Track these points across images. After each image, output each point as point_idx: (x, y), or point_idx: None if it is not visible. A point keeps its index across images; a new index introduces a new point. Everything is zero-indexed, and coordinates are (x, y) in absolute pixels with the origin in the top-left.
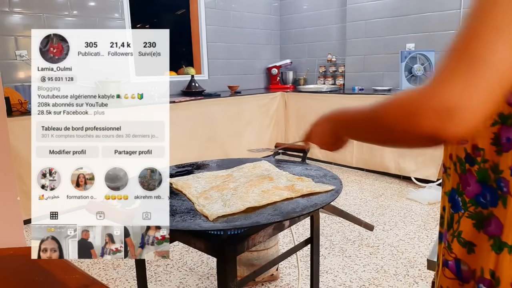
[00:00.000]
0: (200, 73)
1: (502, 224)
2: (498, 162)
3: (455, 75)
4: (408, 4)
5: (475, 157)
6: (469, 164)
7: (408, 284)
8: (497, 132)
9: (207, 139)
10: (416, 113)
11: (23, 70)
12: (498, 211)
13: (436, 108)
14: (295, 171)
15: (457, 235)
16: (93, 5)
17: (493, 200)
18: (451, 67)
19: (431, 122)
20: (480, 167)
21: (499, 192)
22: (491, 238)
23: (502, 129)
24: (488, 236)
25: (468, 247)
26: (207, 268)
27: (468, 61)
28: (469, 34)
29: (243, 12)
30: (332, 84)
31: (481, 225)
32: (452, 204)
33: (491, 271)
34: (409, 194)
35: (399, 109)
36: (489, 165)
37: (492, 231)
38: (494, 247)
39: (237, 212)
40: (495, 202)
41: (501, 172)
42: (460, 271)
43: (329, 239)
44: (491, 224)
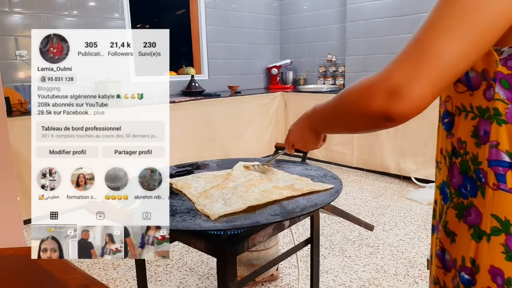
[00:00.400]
0: (200, 73)
1: (481, 213)
2: (477, 154)
3: (405, 61)
4: (408, 4)
5: (458, 149)
6: (455, 157)
7: (408, 284)
8: (476, 125)
9: (207, 139)
10: (369, 94)
11: (23, 70)
12: (478, 201)
13: (385, 88)
14: (295, 171)
15: (444, 225)
16: (93, 5)
17: (473, 190)
18: (405, 54)
19: (380, 101)
20: (462, 159)
21: (478, 183)
22: (471, 227)
23: (480, 122)
24: (468, 226)
25: (451, 236)
26: (207, 268)
27: (419, 50)
28: (426, 28)
29: (243, 12)
30: (332, 84)
31: (461, 214)
32: (443, 196)
33: (471, 259)
34: (409, 194)
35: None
36: (469, 157)
37: (471, 221)
38: (474, 236)
39: (238, 211)
40: (474, 192)
41: (480, 163)
42: (444, 260)
43: (329, 239)
44: (471, 213)
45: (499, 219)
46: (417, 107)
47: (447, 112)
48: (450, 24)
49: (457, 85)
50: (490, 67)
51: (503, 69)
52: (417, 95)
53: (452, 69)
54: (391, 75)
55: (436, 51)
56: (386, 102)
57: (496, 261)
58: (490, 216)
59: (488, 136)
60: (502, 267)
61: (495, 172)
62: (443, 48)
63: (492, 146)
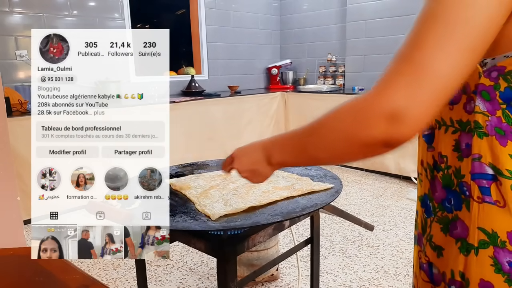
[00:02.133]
0: (200, 73)
1: (467, 226)
2: (460, 167)
3: (399, 80)
4: (408, 4)
5: (440, 163)
6: (436, 171)
7: (408, 284)
8: (457, 139)
9: (207, 139)
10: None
11: (23, 70)
12: (463, 215)
13: (382, 112)
14: (295, 171)
15: (429, 239)
16: (93, 5)
17: (457, 204)
18: (396, 72)
19: (379, 127)
20: (444, 173)
21: (462, 196)
22: (458, 241)
23: (461, 135)
24: (455, 239)
25: (437, 251)
26: (207, 268)
27: (413, 68)
28: (415, 41)
29: (243, 12)
30: (332, 84)
31: (447, 228)
32: (424, 209)
33: (460, 273)
34: (409, 194)
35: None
36: (451, 170)
37: (458, 234)
38: (462, 250)
39: (239, 212)
40: (459, 206)
41: (462, 176)
42: (432, 274)
43: (329, 239)
44: (456, 227)
45: (486, 231)
46: (418, 129)
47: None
48: (440, 40)
49: None
50: (471, 80)
51: (486, 81)
52: (418, 116)
53: (450, 86)
54: (386, 97)
55: (432, 69)
56: (386, 128)
57: (486, 274)
58: (477, 229)
59: (470, 149)
60: (492, 280)
61: (479, 185)
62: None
63: (475, 159)
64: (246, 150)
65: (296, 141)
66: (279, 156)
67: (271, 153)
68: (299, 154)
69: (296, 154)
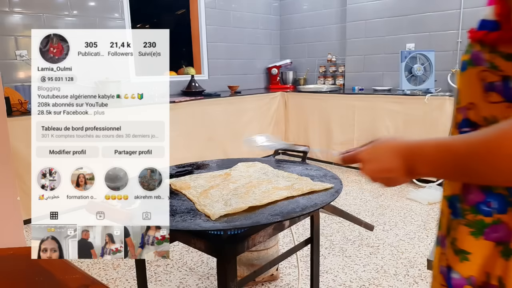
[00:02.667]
0: (200, 73)
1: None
2: None
3: None
4: (408, 4)
5: None
6: None
7: (408, 284)
8: None
9: (207, 139)
10: None
11: (23, 70)
12: (509, 218)
13: None
14: (295, 171)
15: (451, 241)
16: (93, 5)
17: (501, 207)
18: None
19: None
20: None
21: (510, 199)
22: (498, 245)
23: None
24: (495, 243)
25: (460, 255)
26: (207, 268)
27: None
28: None
29: (243, 12)
30: (332, 84)
31: (480, 232)
32: (452, 210)
33: (499, 277)
34: (409, 194)
35: None
36: None
37: (499, 238)
38: (503, 254)
39: (239, 212)
40: (504, 209)
41: None
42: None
43: (329, 239)
44: (497, 230)
45: None
46: None
47: (468, 120)
48: None
49: (490, 94)
50: None
51: None
52: None
53: None
54: None
55: None
56: None
57: None
58: None
59: None
60: None
61: None
62: None
63: None
64: (378, 155)
65: (450, 159)
66: (425, 170)
67: (413, 164)
68: (456, 173)
69: (451, 172)
